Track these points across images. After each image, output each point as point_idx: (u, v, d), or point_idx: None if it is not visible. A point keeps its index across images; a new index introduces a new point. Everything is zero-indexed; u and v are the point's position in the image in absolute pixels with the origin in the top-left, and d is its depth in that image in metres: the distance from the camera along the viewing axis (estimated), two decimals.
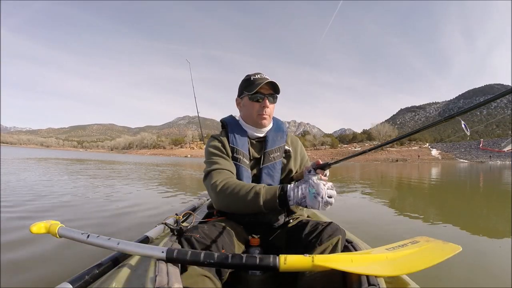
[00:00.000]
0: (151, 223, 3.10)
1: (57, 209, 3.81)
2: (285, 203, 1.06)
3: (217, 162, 1.26)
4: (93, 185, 6.68)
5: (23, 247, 2.31)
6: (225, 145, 1.33)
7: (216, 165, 1.25)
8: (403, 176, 15.18)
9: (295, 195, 1.05)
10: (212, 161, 1.28)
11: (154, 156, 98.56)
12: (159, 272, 0.77)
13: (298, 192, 1.04)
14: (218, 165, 1.25)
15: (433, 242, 0.97)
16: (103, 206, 4.14)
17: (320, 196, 1.00)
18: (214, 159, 1.28)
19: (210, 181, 1.21)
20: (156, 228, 1.36)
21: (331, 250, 1.00)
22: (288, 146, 1.45)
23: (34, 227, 0.97)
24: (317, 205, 1.01)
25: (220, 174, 1.22)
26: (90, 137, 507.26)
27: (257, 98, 1.33)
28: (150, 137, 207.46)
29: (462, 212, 4.95)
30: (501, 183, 11.01)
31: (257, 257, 0.80)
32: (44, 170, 10.30)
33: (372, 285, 0.77)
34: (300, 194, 1.04)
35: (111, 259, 0.97)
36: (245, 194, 1.10)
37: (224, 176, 1.20)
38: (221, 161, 1.27)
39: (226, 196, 1.14)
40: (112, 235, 1.08)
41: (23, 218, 3.23)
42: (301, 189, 1.05)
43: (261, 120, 1.36)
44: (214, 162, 1.27)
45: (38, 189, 5.51)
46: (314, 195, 1.01)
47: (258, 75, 1.36)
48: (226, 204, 1.17)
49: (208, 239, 0.97)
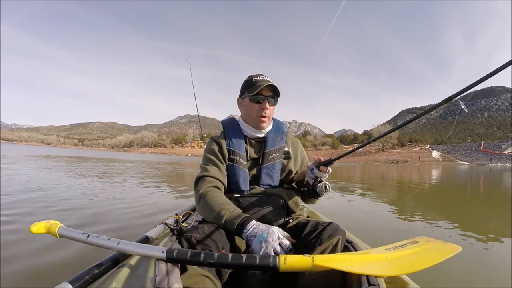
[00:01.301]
0: (151, 223, 3.10)
1: (69, 211, 3.81)
2: (239, 234, 1.07)
3: (207, 170, 1.32)
4: (94, 184, 6.69)
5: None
6: (222, 147, 1.38)
7: (205, 172, 1.31)
8: (403, 177, 15.17)
9: (249, 232, 1.04)
10: (203, 167, 1.35)
11: (154, 154, 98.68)
12: (159, 272, 0.77)
13: (253, 230, 1.04)
14: (207, 173, 1.30)
15: (433, 242, 0.98)
16: (104, 206, 4.14)
17: (266, 244, 0.98)
18: (206, 166, 1.34)
19: (196, 187, 1.29)
20: (156, 228, 1.36)
21: (331, 250, 1.00)
22: (288, 147, 1.47)
23: (34, 227, 0.97)
24: (258, 250, 0.99)
25: (204, 182, 1.28)
26: (91, 135, 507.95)
27: (257, 99, 1.35)
28: (151, 136, 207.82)
29: (462, 214, 4.94)
30: (502, 186, 10.99)
31: (257, 257, 0.80)
32: (47, 168, 10.31)
33: (372, 285, 0.77)
34: (253, 232, 1.03)
35: (111, 259, 0.98)
36: (214, 211, 1.14)
37: (207, 186, 1.26)
38: (211, 168, 1.32)
39: (202, 208, 1.21)
40: (112, 235, 1.08)
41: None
42: (256, 229, 1.04)
43: (260, 122, 1.39)
44: (205, 169, 1.33)
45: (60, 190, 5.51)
46: (262, 240, 0.99)
47: (260, 76, 1.38)
48: (203, 214, 1.23)
49: (208, 239, 0.97)
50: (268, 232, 1.01)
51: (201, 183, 1.27)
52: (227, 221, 1.09)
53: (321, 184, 1.24)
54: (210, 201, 1.18)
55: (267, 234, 1.00)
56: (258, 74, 1.39)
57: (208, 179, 1.28)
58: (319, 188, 1.24)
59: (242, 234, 1.06)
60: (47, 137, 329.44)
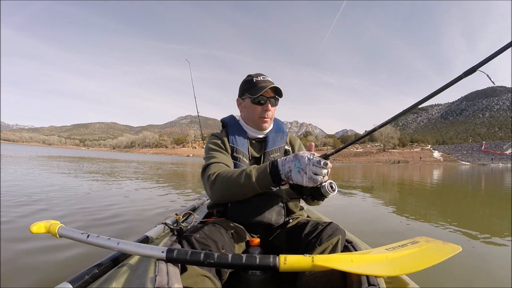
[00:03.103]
0: (151, 223, 3.10)
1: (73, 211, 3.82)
2: (277, 177, 1.04)
3: (214, 156, 1.27)
4: (97, 183, 6.70)
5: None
6: (225, 143, 1.35)
7: (213, 159, 1.26)
8: (404, 178, 15.14)
9: (284, 169, 1.02)
10: (210, 155, 1.30)
11: (156, 155, 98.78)
12: (159, 272, 0.77)
13: (285, 165, 1.02)
14: (215, 159, 1.26)
15: (433, 242, 0.97)
16: (105, 206, 4.15)
17: (304, 171, 0.97)
18: (212, 153, 1.30)
19: (205, 174, 1.22)
20: (156, 228, 1.36)
21: (331, 250, 1.00)
22: (288, 146, 1.47)
23: (34, 227, 0.97)
24: (301, 180, 0.98)
25: (216, 167, 1.22)
26: (92, 136, 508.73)
27: (259, 100, 1.34)
28: (152, 136, 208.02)
29: (463, 214, 4.93)
30: (503, 186, 10.96)
31: (257, 257, 0.80)
32: (47, 168, 10.33)
33: (372, 285, 0.77)
34: (287, 167, 1.02)
35: (111, 259, 0.98)
36: (237, 178, 1.10)
37: (218, 168, 1.21)
38: (218, 155, 1.28)
39: (220, 185, 1.14)
40: (112, 235, 1.08)
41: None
42: (288, 163, 1.02)
43: (262, 123, 1.38)
44: (212, 156, 1.28)
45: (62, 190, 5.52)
46: (298, 170, 0.98)
47: (260, 76, 1.36)
48: (221, 193, 1.16)
49: (208, 239, 0.97)
50: (299, 160, 0.99)
51: (212, 168, 1.22)
52: (258, 175, 1.07)
53: (327, 183, 1.05)
54: (228, 173, 1.14)
55: (299, 162, 0.98)
56: (257, 74, 1.38)
57: (218, 165, 1.23)
58: (325, 188, 1.07)
59: (281, 177, 1.03)
60: (48, 137, 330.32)
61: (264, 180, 1.06)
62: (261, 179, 1.06)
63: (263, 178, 1.06)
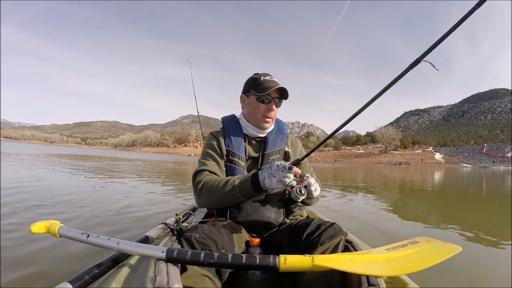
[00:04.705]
0: (151, 223, 3.11)
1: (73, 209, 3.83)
2: (258, 187, 1.14)
3: (205, 164, 1.33)
4: (96, 182, 6.71)
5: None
6: (221, 145, 1.39)
7: (203, 166, 1.33)
8: (406, 179, 15.11)
9: (261, 177, 1.13)
10: (201, 161, 1.37)
11: (157, 154, 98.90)
12: (159, 272, 0.77)
13: (262, 174, 1.13)
14: (205, 166, 1.32)
15: (433, 242, 0.98)
16: (105, 206, 4.15)
17: (273, 176, 1.09)
18: (203, 160, 1.36)
19: (194, 182, 1.30)
20: (156, 228, 1.36)
21: (332, 250, 1.00)
22: (288, 147, 1.46)
23: (34, 227, 0.97)
24: (271, 184, 1.10)
25: (203, 175, 1.29)
26: (94, 134, 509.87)
27: (264, 100, 1.35)
28: (154, 135, 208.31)
29: (464, 216, 4.91)
30: (504, 188, 10.93)
31: (257, 257, 0.80)
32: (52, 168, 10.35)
33: (372, 285, 0.77)
34: (262, 176, 1.13)
35: (111, 259, 0.98)
36: (222, 188, 1.19)
37: (205, 176, 1.28)
38: (209, 162, 1.34)
39: (206, 194, 1.23)
40: (112, 235, 1.08)
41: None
42: (264, 172, 1.14)
43: (264, 122, 1.39)
44: (203, 163, 1.35)
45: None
46: (269, 175, 1.10)
47: (267, 76, 1.38)
48: (206, 201, 1.25)
49: (208, 239, 0.97)
50: (270, 167, 1.12)
51: (200, 176, 1.29)
52: (241, 184, 1.16)
53: (296, 188, 1.12)
54: (214, 182, 1.22)
55: (271, 169, 1.11)
56: (265, 74, 1.39)
57: (206, 173, 1.30)
58: (294, 193, 1.12)
59: (260, 185, 1.13)
60: (50, 135, 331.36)
61: (246, 189, 1.16)
62: (243, 188, 1.16)
63: (245, 187, 1.15)
